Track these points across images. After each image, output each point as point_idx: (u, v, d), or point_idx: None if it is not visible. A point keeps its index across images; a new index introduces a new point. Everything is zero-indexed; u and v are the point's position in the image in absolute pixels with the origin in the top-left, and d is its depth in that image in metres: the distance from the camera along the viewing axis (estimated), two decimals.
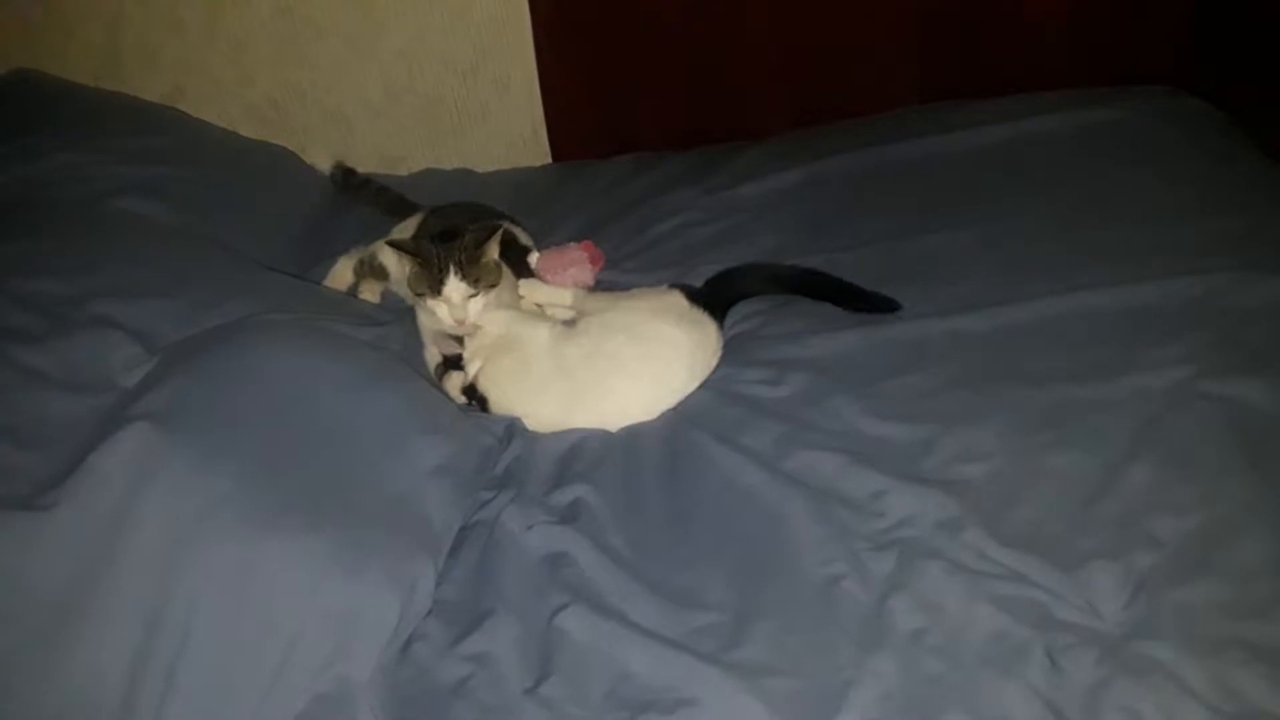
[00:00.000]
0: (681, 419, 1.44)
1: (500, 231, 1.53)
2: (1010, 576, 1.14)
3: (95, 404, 1.25)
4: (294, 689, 1.11)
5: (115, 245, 1.51)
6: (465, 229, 1.56)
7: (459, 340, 1.56)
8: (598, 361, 1.48)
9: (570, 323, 1.57)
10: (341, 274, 1.83)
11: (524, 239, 1.79)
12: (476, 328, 1.53)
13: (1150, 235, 1.57)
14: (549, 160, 2.28)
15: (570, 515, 1.31)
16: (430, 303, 1.53)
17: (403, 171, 2.26)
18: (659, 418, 1.46)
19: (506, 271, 1.62)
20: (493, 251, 1.54)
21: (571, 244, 1.78)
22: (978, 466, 1.27)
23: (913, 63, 2.15)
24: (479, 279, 1.51)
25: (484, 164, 2.27)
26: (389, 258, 1.77)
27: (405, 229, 1.83)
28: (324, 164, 2.16)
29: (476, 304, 1.52)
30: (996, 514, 1.21)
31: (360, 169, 2.19)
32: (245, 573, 1.13)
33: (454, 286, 1.50)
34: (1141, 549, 1.14)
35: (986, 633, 1.09)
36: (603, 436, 1.45)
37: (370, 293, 1.82)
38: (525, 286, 1.64)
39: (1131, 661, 1.04)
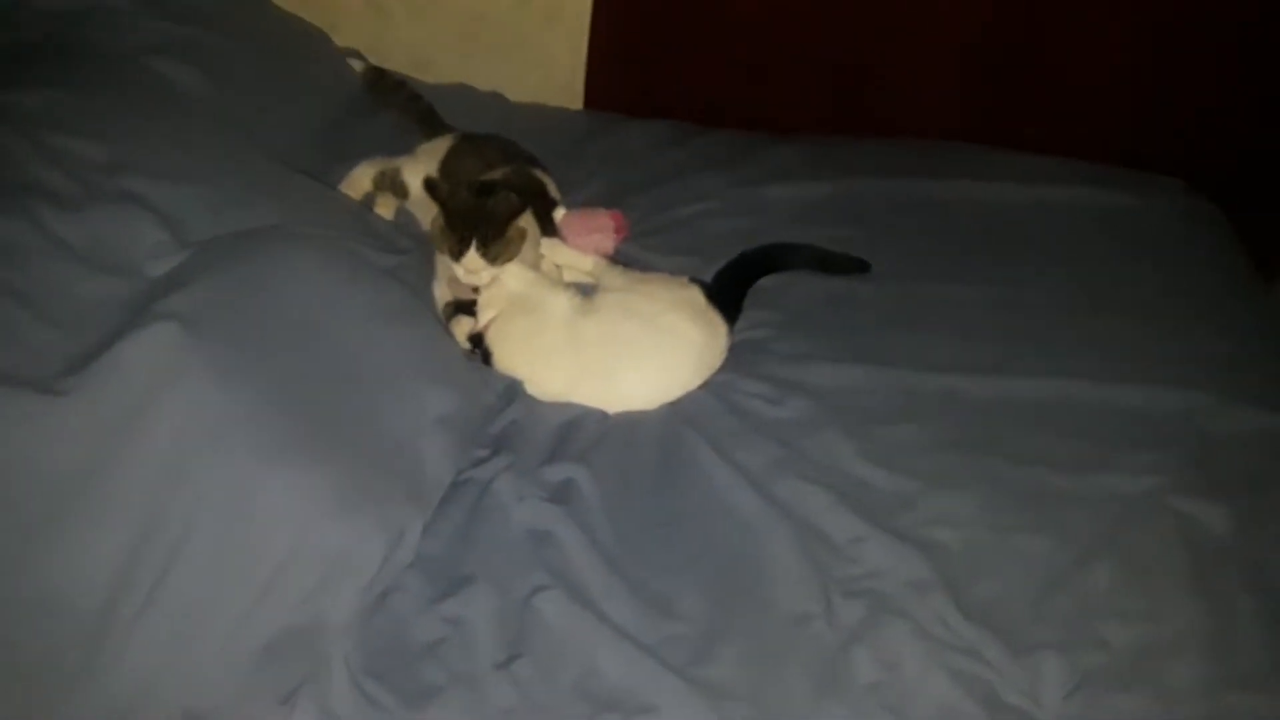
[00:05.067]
0: (680, 418, 1.46)
1: (527, 210, 1.52)
2: (967, 650, 1.20)
3: (119, 289, 1.22)
4: (270, 617, 1.13)
5: (150, 115, 1.46)
6: (496, 189, 1.54)
7: (474, 286, 1.56)
8: (610, 343, 1.49)
9: (588, 294, 1.57)
10: (359, 181, 1.79)
11: (553, 191, 1.78)
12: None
13: (1146, 338, 1.63)
14: (580, 103, 2.26)
15: (561, 495, 1.34)
16: (446, 259, 1.53)
17: (429, 78, 2.20)
18: (657, 410, 1.49)
19: (532, 227, 1.62)
20: (519, 224, 1.52)
21: (601, 209, 1.78)
22: (952, 533, 1.33)
23: (951, 92, 2.18)
24: (499, 256, 1.50)
25: (514, 91, 2.22)
26: (413, 178, 1.74)
27: (432, 151, 1.80)
28: (355, 62, 2.10)
29: (492, 272, 1.52)
30: (963, 584, 1.27)
31: (386, 65, 2.14)
32: (245, 498, 1.14)
33: (472, 259, 1.50)
34: (1088, 649, 1.21)
35: (938, 701, 1.16)
36: (600, 418, 1.47)
37: (385, 208, 1.79)
38: (548, 246, 1.64)
39: None
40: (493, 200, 1.50)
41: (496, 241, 1.49)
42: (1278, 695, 1.17)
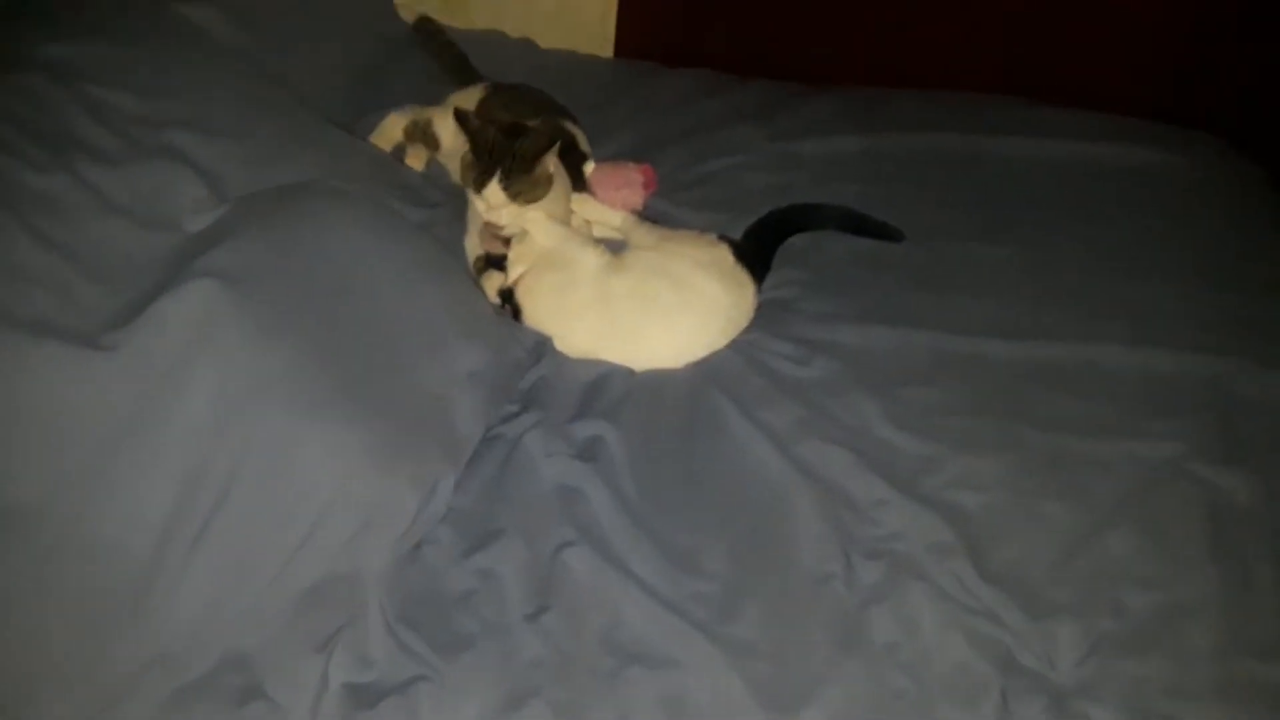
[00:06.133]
0: (706, 377, 1.48)
1: (556, 147, 1.51)
2: (984, 613, 1.23)
3: (160, 244, 1.25)
4: (311, 564, 1.17)
5: (187, 66, 1.46)
6: (527, 131, 1.54)
7: (506, 240, 1.57)
8: (638, 301, 1.50)
9: (617, 251, 1.58)
10: (390, 131, 1.80)
11: (584, 144, 1.78)
12: (518, 231, 1.54)
13: (1176, 301, 1.62)
14: (610, 51, 2.25)
15: (589, 452, 1.37)
16: (470, 193, 1.54)
17: (460, 23, 2.19)
18: (684, 368, 1.51)
19: (563, 180, 1.62)
20: (546, 167, 1.52)
21: (630, 163, 1.77)
22: (975, 496, 1.35)
23: (991, 44, 2.14)
24: (520, 192, 1.50)
25: (546, 36, 2.22)
26: (445, 129, 1.75)
27: (463, 102, 1.79)
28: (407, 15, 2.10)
29: (512, 212, 1.52)
30: (983, 548, 1.29)
31: (419, 8, 2.14)
32: (287, 451, 1.17)
33: (494, 191, 1.49)
34: (1104, 614, 1.23)
35: (953, 662, 1.18)
36: (626, 375, 1.49)
37: (416, 159, 1.80)
38: (577, 201, 1.64)
39: (1072, 718, 1.15)
40: (523, 137, 1.50)
41: (521, 177, 1.48)
42: None
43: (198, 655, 1.12)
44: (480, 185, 1.50)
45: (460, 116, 1.56)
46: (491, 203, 1.51)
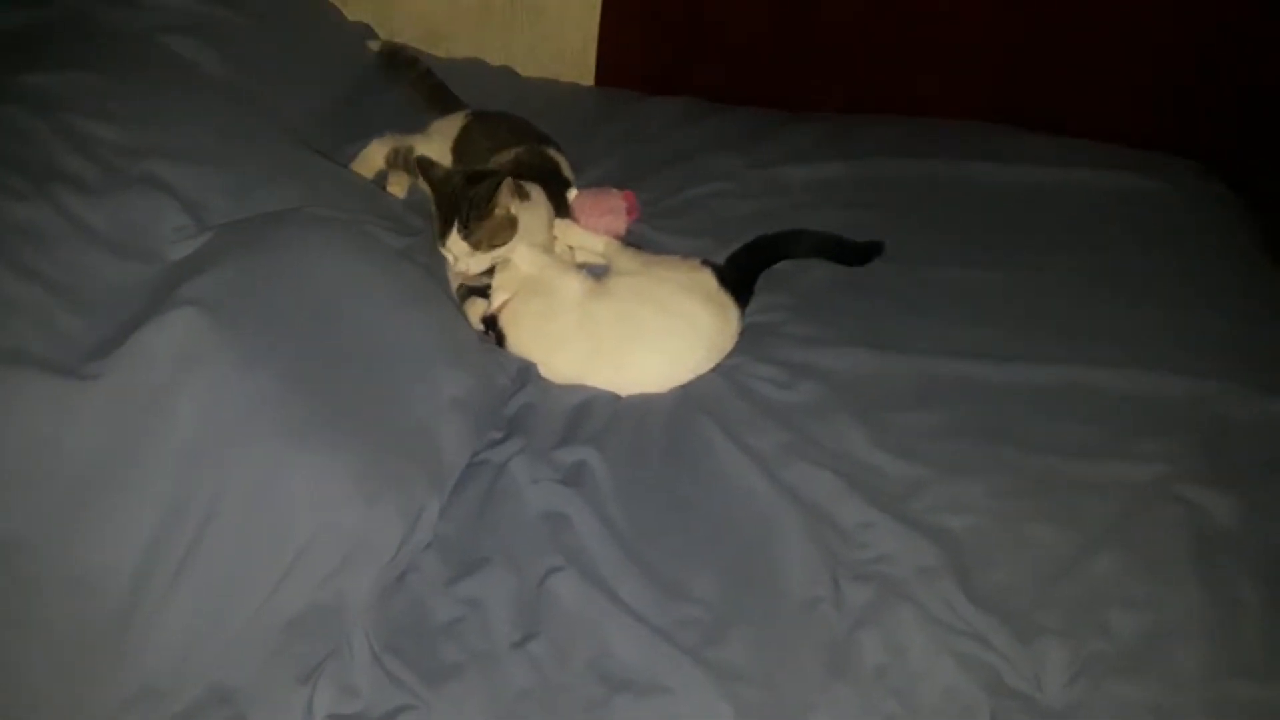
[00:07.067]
0: (691, 401, 1.48)
1: (508, 186, 1.50)
2: (973, 635, 1.23)
3: (143, 273, 1.24)
4: (294, 595, 1.16)
5: (170, 96, 1.46)
6: (486, 174, 1.53)
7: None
8: (622, 326, 1.51)
9: (601, 277, 1.58)
10: (372, 159, 1.80)
11: (566, 171, 1.79)
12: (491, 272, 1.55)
13: (1159, 324, 1.63)
14: (591, 78, 2.26)
15: (574, 478, 1.36)
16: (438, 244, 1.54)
17: (441, 52, 2.20)
18: (668, 393, 1.50)
19: (545, 207, 1.63)
20: (505, 209, 1.51)
21: (613, 190, 1.78)
22: (961, 519, 1.35)
23: (973, 71, 2.16)
24: (481, 240, 1.50)
25: (527, 67, 2.23)
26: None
27: (445, 129, 1.81)
28: (372, 43, 2.10)
29: (479, 260, 1.52)
30: (971, 571, 1.29)
31: (398, 38, 2.15)
32: (271, 479, 1.16)
33: (455, 242, 1.50)
34: (1092, 635, 1.23)
35: (943, 686, 1.18)
36: (611, 400, 1.49)
37: (398, 186, 1.80)
38: (560, 227, 1.65)
39: None
40: (479, 184, 1.50)
41: (479, 224, 1.49)
42: None
43: (181, 688, 1.10)
44: (443, 238, 1.51)
45: (423, 165, 1.56)
46: (456, 254, 1.51)
